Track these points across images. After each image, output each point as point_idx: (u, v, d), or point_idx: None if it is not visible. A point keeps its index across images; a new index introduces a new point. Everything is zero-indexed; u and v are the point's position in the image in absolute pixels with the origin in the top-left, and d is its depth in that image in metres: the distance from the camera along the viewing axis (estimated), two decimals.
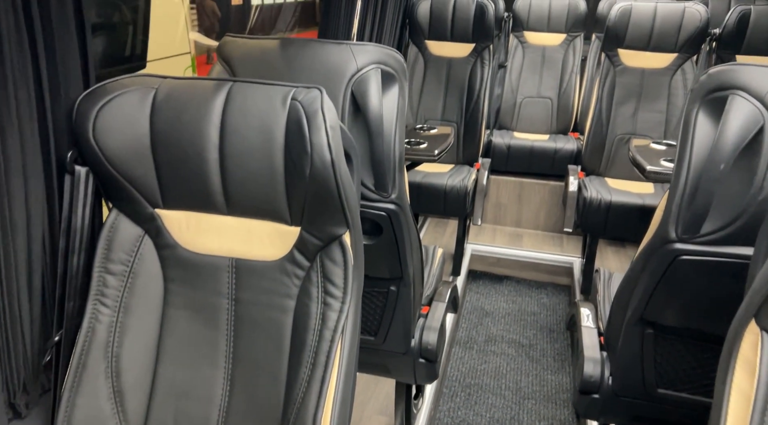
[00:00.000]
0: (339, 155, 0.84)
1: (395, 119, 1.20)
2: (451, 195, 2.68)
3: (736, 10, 2.62)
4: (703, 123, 1.05)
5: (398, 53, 1.22)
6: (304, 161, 0.84)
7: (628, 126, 2.86)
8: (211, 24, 5.06)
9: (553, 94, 3.72)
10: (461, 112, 3.05)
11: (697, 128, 1.05)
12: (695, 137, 1.05)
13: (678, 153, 1.09)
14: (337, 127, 0.85)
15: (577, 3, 3.62)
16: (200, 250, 0.97)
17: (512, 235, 3.48)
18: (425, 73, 3.11)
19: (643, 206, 2.44)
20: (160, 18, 3.11)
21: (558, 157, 3.36)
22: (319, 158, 0.83)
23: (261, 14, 5.07)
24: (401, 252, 1.33)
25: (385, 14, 2.69)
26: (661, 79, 2.82)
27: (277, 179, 0.88)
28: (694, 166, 1.04)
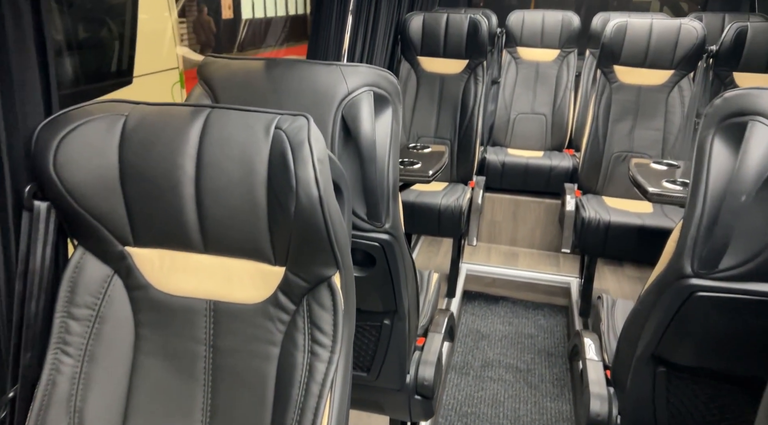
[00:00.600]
0: (327, 190, 0.76)
1: (389, 145, 1.12)
2: (446, 215, 2.61)
3: (733, 27, 2.58)
4: (719, 150, 0.97)
5: (392, 75, 1.14)
6: (288, 197, 0.75)
7: (625, 144, 2.81)
8: (207, 38, 5.00)
9: (547, 110, 3.67)
10: (455, 129, 2.98)
11: (713, 156, 0.98)
12: (711, 165, 0.98)
13: (692, 182, 1.02)
14: (325, 158, 0.77)
15: (571, 18, 3.59)
16: (175, 291, 0.88)
17: (507, 254, 3.40)
18: (418, 89, 3.05)
19: (643, 227, 2.37)
20: (148, 33, 3.03)
21: (553, 174, 3.30)
22: (305, 194, 0.74)
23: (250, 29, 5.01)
24: (395, 284, 1.25)
25: (376, 30, 2.63)
26: (658, 96, 2.77)
27: (259, 216, 0.79)
28: (711, 196, 0.97)
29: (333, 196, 0.78)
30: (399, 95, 1.15)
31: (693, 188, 1.01)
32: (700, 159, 1.01)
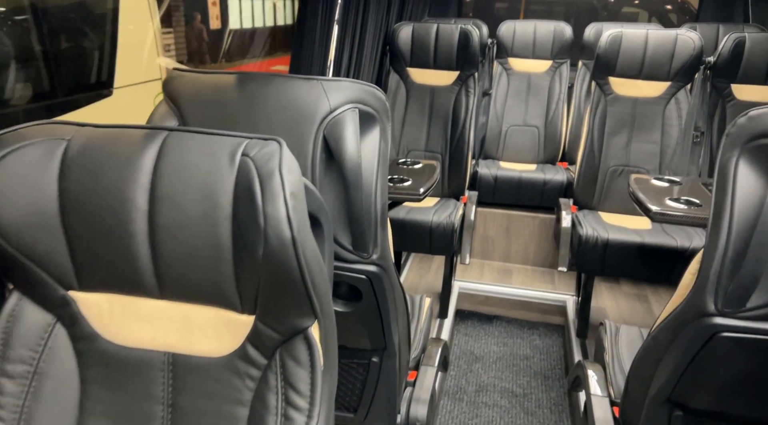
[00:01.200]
0: (302, 228, 0.64)
1: (376, 168, 1.01)
2: (437, 232, 2.50)
3: (730, 38, 2.51)
4: (746, 175, 0.87)
5: (379, 90, 1.03)
6: (255, 237, 0.64)
7: (622, 157, 2.72)
8: (200, 47, 4.87)
9: (539, 122, 3.59)
10: (446, 143, 2.89)
11: (738, 181, 0.88)
12: (736, 191, 0.88)
13: (714, 209, 0.92)
14: (300, 191, 0.66)
15: (563, 29, 3.52)
16: (127, 342, 0.76)
17: (501, 270, 3.29)
18: (407, 102, 2.95)
19: (642, 245, 2.28)
20: (129, 43, 2.91)
21: (547, 189, 3.21)
22: (275, 235, 0.63)
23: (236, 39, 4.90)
24: (384, 320, 1.13)
25: (364, 40, 2.53)
26: (655, 108, 2.69)
27: (222, 258, 0.67)
28: (738, 226, 0.87)
29: (309, 234, 0.66)
30: (387, 112, 1.04)
31: (715, 216, 0.91)
32: (722, 184, 0.90)
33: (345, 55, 2.28)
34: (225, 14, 5.00)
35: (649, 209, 1.73)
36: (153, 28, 3.15)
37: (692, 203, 1.76)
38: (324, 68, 1.96)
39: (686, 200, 1.79)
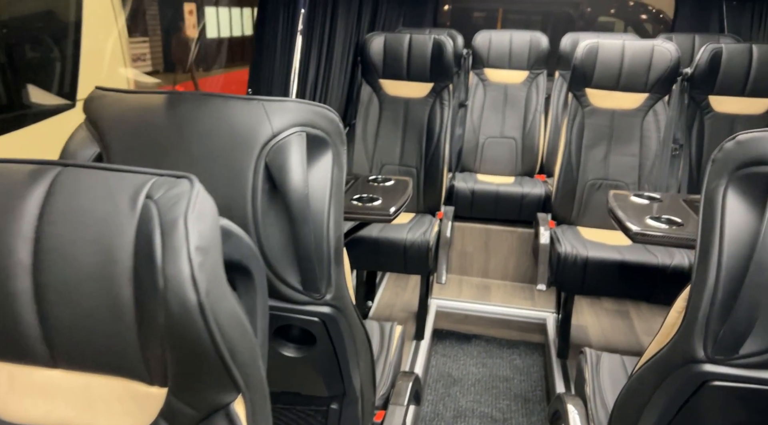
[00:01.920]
0: (213, 290, 0.53)
1: (328, 198, 0.89)
2: (412, 251, 2.39)
3: (707, 49, 2.46)
4: (735, 206, 0.78)
5: (331, 111, 0.92)
6: (153, 302, 0.52)
7: (600, 171, 2.65)
8: (185, 57, 4.70)
9: (517, 134, 3.52)
10: (421, 156, 2.79)
11: (727, 213, 0.78)
12: (725, 225, 0.78)
13: (700, 242, 0.82)
14: (212, 242, 0.54)
15: (539, 39, 3.46)
16: (18, 419, 0.63)
17: (479, 287, 3.20)
18: (381, 114, 2.85)
19: (622, 262, 2.20)
20: (94, 53, 2.77)
21: (525, 202, 3.13)
22: (177, 300, 0.51)
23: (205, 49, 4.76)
24: (342, 366, 1.01)
25: (332, 51, 2.42)
26: (633, 120, 2.63)
27: (124, 321, 0.55)
28: (728, 264, 0.77)
29: (224, 295, 0.55)
30: (341, 135, 0.93)
31: (702, 250, 0.81)
32: (709, 215, 0.81)
33: (311, 66, 2.17)
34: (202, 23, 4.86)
35: (630, 230, 1.64)
36: (121, 37, 3.02)
37: (673, 223, 1.68)
38: (287, 82, 1.86)
39: (667, 218, 1.71)
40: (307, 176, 0.86)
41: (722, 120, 2.51)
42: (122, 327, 0.56)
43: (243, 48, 5.12)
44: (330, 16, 2.29)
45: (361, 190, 2.00)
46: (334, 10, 2.33)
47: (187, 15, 5.22)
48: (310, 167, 0.88)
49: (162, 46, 6.26)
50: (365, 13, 2.85)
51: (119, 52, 3.12)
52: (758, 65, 2.42)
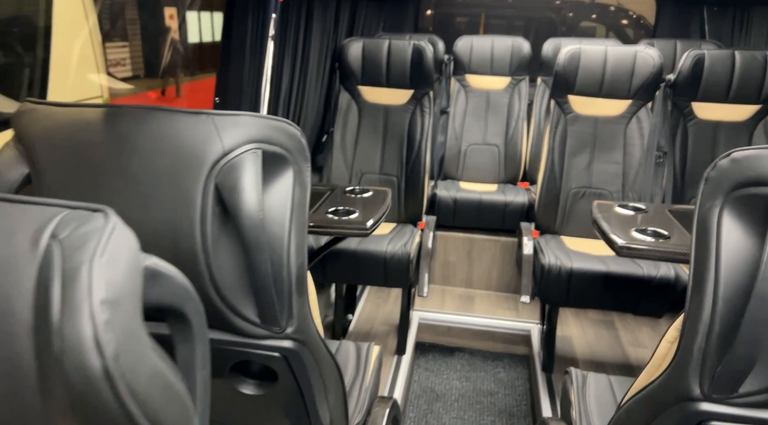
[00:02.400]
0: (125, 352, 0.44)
1: (288, 221, 0.81)
2: (392, 263, 2.31)
3: (690, 55, 2.43)
4: (732, 231, 0.71)
5: (292, 126, 0.84)
6: (50, 366, 0.43)
7: (583, 179, 2.60)
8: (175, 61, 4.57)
9: (499, 141, 3.46)
10: (401, 165, 2.72)
11: (723, 237, 0.72)
12: (721, 251, 0.72)
13: (694, 270, 0.75)
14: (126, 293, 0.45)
15: (521, 45, 3.42)
16: None
17: (463, 297, 3.13)
18: (360, 122, 2.78)
19: (607, 274, 2.14)
20: (66, 59, 2.66)
21: (509, 211, 3.07)
22: (77, 367, 0.42)
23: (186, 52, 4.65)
24: (308, 402, 0.93)
25: (308, 57, 2.34)
26: (616, 127, 2.58)
27: (24, 389, 0.46)
28: (726, 294, 0.70)
29: (145, 354, 0.46)
30: (303, 152, 0.85)
31: (696, 279, 0.74)
32: (703, 240, 0.74)
33: (285, 73, 2.09)
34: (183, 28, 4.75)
35: (615, 243, 1.58)
36: (94, 43, 2.91)
37: (659, 235, 1.62)
38: (258, 89, 1.77)
39: (653, 231, 1.65)
40: (262, 198, 0.77)
41: (705, 127, 2.48)
42: (23, 393, 0.47)
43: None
44: (305, 20, 2.22)
45: (337, 203, 1.92)
46: (309, 15, 2.25)
47: (168, 19, 5.10)
48: (268, 187, 0.80)
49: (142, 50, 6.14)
50: (343, 18, 2.77)
51: (92, 58, 3.00)
52: (741, 71, 2.39)
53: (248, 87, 1.72)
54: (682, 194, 2.48)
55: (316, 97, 2.62)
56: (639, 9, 5.71)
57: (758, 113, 2.42)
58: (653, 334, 2.74)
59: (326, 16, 2.51)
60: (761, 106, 2.41)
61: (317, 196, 1.98)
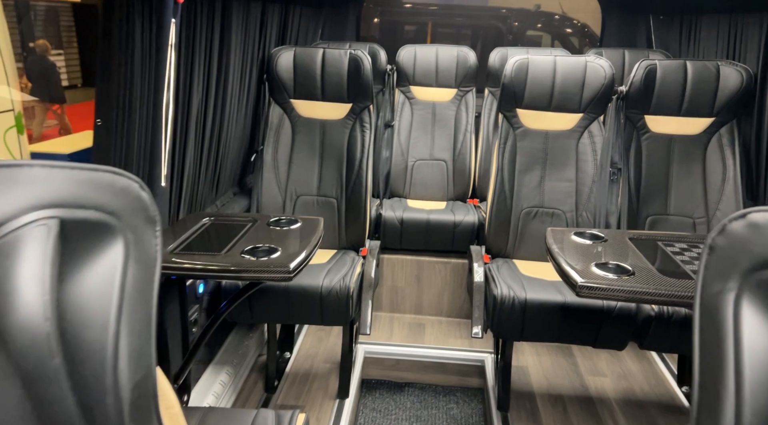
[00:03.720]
0: None
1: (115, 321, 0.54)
2: (330, 300, 2.05)
3: (641, 66, 2.29)
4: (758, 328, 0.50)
5: (124, 176, 0.58)
6: None
7: (535, 198, 2.43)
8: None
9: (447, 156, 3.27)
10: (341, 185, 2.47)
11: (744, 337, 0.50)
12: (743, 350, 0.50)
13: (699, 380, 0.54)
14: None
15: (467, 54, 3.24)
16: None
17: (412, 325, 2.90)
18: (293, 139, 2.52)
19: (564, 305, 1.95)
20: None
21: (458, 231, 2.87)
22: None
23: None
24: None
25: (227, 67, 2.07)
26: (567, 142, 2.43)
27: None
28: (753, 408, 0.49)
29: None
30: (145, 212, 0.59)
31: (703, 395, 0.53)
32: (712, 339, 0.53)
33: (196, 87, 1.81)
34: None
35: (575, 283, 1.39)
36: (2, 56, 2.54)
37: (622, 270, 1.43)
38: (156, 107, 1.49)
39: (615, 265, 1.47)
40: (56, 294, 0.51)
41: (659, 141, 2.35)
42: None
43: None
44: (220, 26, 1.94)
45: (257, 238, 1.65)
46: (225, 20, 1.98)
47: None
48: (74, 273, 0.53)
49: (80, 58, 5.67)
50: (271, 24, 2.51)
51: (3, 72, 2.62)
52: (693, 83, 2.27)
53: (142, 106, 1.43)
54: (638, 213, 2.34)
55: (241, 113, 2.35)
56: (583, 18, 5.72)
57: (712, 126, 2.31)
58: (613, 361, 2.59)
59: (249, 21, 2.24)
60: (714, 118, 2.30)
61: (234, 230, 1.70)
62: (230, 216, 1.86)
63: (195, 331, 1.88)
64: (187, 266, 1.43)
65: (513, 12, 5.72)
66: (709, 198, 2.30)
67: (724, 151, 2.30)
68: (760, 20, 2.19)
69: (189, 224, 1.73)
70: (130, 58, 1.34)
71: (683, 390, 2.36)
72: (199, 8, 1.75)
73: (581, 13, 5.83)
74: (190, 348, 1.77)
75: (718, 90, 2.26)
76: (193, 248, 1.56)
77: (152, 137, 1.52)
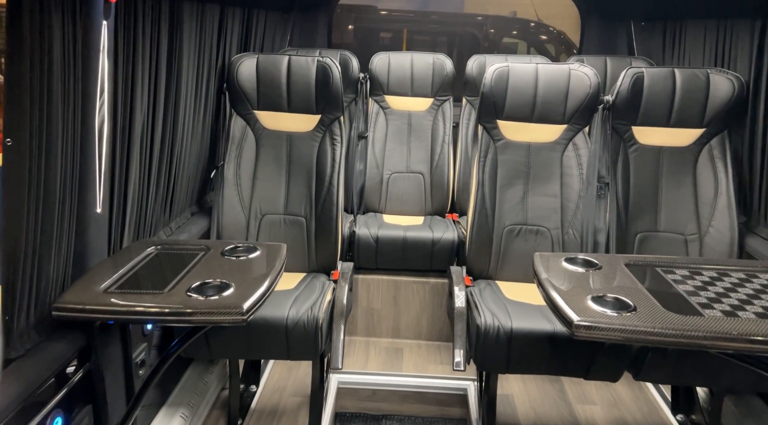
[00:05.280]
0: None
1: None
2: (296, 333, 1.86)
3: (628, 74, 2.16)
4: None
5: None
6: None
7: (518, 214, 2.27)
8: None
9: (424, 168, 3.11)
10: (310, 203, 2.28)
11: None
12: None
13: None
14: None
15: (443, 62, 3.09)
16: None
17: (389, 350, 2.71)
18: (258, 152, 2.32)
19: (554, 335, 1.79)
20: None
21: (437, 250, 2.70)
22: None
23: None
24: None
25: (178, 76, 1.87)
26: (551, 155, 2.28)
27: None
28: None
29: None
30: None
31: None
32: None
33: (140, 100, 1.60)
34: None
35: (570, 321, 1.22)
36: None
37: (623, 305, 1.27)
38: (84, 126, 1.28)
39: (614, 299, 1.30)
40: None
41: (648, 153, 2.22)
42: None
43: None
44: (168, 30, 1.74)
45: (212, 269, 1.45)
46: (175, 23, 1.78)
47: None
48: None
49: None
50: (231, 29, 2.32)
51: None
52: (682, 92, 2.15)
53: (66, 120, 1.22)
54: (627, 230, 2.20)
55: (198, 125, 2.14)
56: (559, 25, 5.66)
57: (702, 137, 2.19)
58: (603, 388, 2.44)
59: (204, 26, 2.04)
60: (705, 129, 2.18)
61: (183, 261, 1.49)
62: (180, 244, 1.65)
63: (142, 373, 1.66)
64: (122, 309, 1.23)
65: (489, 19, 5.63)
66: (701, 214, 2.17)
67: (715, 163, 2.17)
68: (752, 26, 2.08)
69: (132, 254, 1.52)
70: (47, 66, 1.13)
71: (678, 418, 2.22)
72: (141, 9, 1.55)
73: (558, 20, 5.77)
74: (135, 393, 1.56)
75: (708, 99, 2.14)
76: (134, 284, 1.35)
77: (81, 158, 1.31)
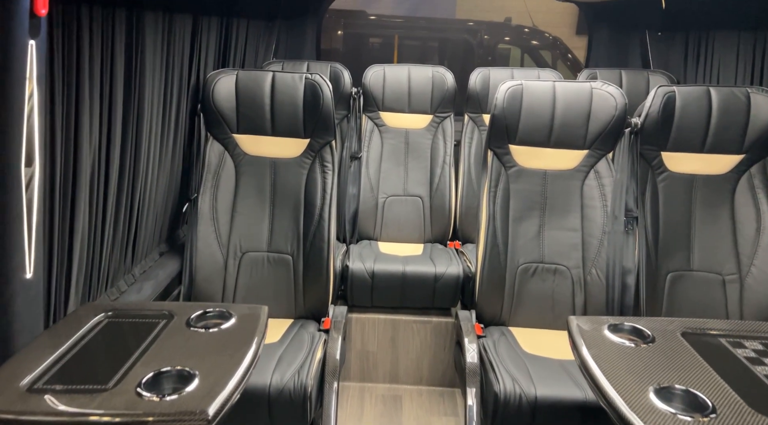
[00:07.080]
0: None
1: None
2: (280, 403, 1.57)
3: (659, 93, 1.91)
4: None
5: None
6: None
7: (534, 251, 2.01)
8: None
9: (423, 191, 2.83)
10: (298, 239, 2.00)
11: None
12: None
13: None
14: None
15: (443, 76, 2.82)
16: None
17: (387, 398, 2.43)
18: (238, 182, 2.03)
19: (585, 405, 1.52)
20: None
21: (440, 285, 2.42)
22: None
23: None
24: None
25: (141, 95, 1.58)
26: (570, 184, 2.02)
27: None
28: None
29: None
30: None
31: None
32: None
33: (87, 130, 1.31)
34: None
35: None
36: None
37: (698, 405, 1.00)
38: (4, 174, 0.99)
39: (683, 392, 1.03)
40: None
41: (679, 182, 1.97)
42: None
43: None
44: (125, 45, 1.45)
45: (173, 347, 1.16)
46: (136, 37, 1.49)
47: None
48: None
49: None
50: (206, 41, 2.03)
51: None
52: (719, 114, 1.90)
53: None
54: (657, 271, 1.94)
55: (167, 153, 1.86)
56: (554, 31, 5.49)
57: (740, 164, 1.94)
58: None
59: (173, 39, 1.76)
60: (744, 156, 1.93)
61: (138, 335, 1.20)
62: (135, 310, 1.36)
63: None
64: (48, 420, 0.93)
65: (483, 25, 5.42)
66: (741, 251, 1.92)
67: (756, 194, 1.92)
68: None
69: (74, 327, 1.22)
70: None
71: None
72: (87, 23, 1.26)
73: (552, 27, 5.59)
74: None
75: (749, 123, 1.89)
76: (69, 376, 1.05)
77: (3, 215, 1.02)
